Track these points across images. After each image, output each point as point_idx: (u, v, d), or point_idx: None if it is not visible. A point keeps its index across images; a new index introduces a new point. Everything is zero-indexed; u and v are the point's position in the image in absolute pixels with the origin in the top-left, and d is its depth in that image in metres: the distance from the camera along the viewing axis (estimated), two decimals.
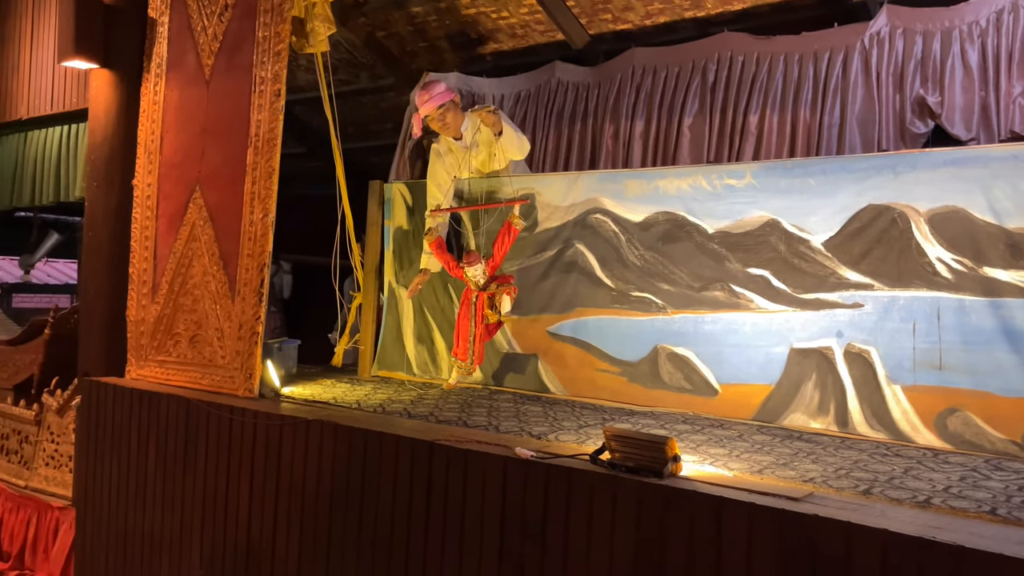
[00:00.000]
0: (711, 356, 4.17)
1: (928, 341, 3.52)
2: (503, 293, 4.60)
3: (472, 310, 4.70)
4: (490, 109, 4.77)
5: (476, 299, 4.69)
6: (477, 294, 4.68)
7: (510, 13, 6.00)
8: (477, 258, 4.65)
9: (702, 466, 3.06)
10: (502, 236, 4.62)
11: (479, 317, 4.69)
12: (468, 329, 4.72)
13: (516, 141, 4.89)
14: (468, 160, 5.03)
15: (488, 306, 4.66)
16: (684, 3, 5.48)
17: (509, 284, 4.64)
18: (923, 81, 4.71)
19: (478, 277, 4.65)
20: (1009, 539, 2.31)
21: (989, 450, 3.34)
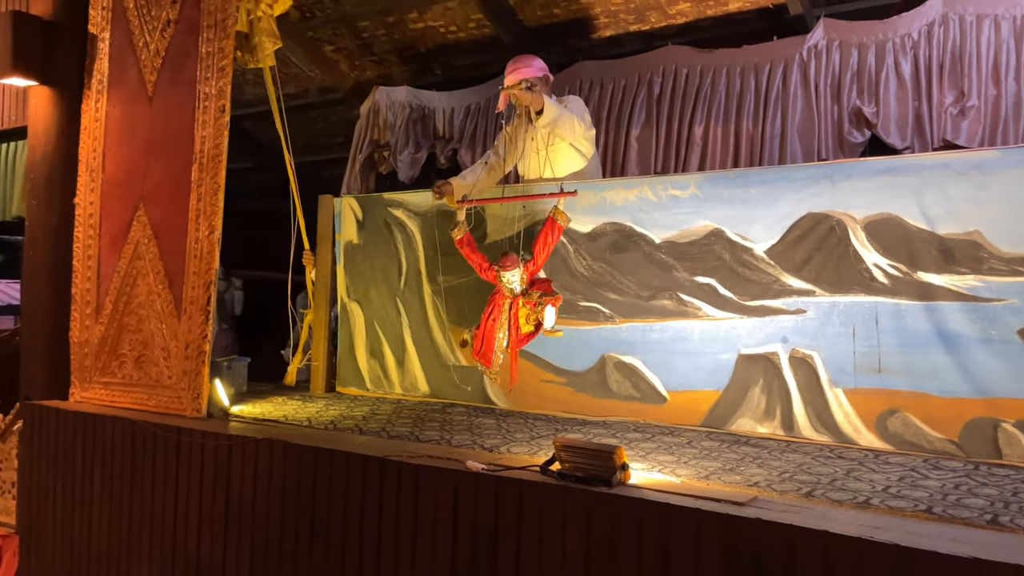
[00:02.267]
0: (659, 364, 4.22)
1: (867, 345, 3.62)
2: (547, 304, 3.98)
3: (505, 318, 4.13)
4: (528, 84, 4.27)
5: (510, 306, 4.11)
6: (511, 300, 4.11)
7: (458, 27, 6.04)
8: (515, 262, 4.03)
9: (651, 473, 3.10)
10: (544, 235, 4.08)
11: (514, 326, 4.12)
12: (496, 339, 4.14)
13: (567, 123, 4.37)
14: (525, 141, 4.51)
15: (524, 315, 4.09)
16: (629, 17, 5.57)
17: (553, 293, 4.04)
18: (859, 92, 4.86)
19: (514, 283, 4.06)
20: (944, 536, 2.38)
21: (928, 450, 3.44)
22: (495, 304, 4.18)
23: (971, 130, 4.46)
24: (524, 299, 4.06)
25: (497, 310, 4.17)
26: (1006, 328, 3.32)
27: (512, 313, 4.11)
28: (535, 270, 4.11)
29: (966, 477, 3.07)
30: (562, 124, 4.38)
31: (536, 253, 4.08)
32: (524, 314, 4.09)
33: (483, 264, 4.27)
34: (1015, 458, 3.25)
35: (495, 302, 4.18)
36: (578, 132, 4.50)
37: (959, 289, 3.43)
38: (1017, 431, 3.27)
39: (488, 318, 4.18)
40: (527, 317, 4.09)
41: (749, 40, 5.24)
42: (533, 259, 4.09)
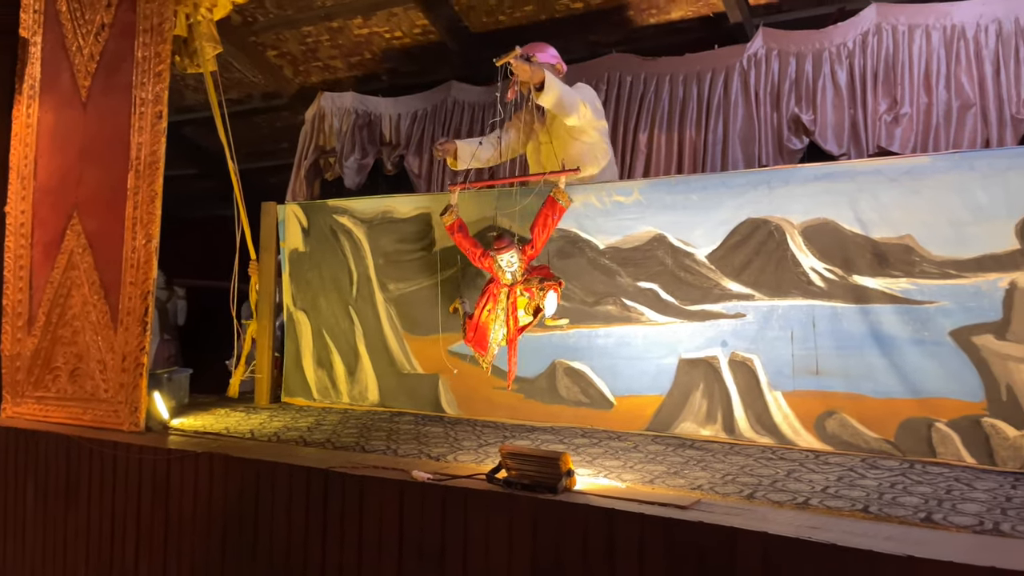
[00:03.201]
0: (606, 369, 4.24)
1: (805, 348, 3.68)
2: (549, 289, 3.68)
3: (502, 309, 3.83)
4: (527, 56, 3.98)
5: (507, 296, 3.82)
6: (508, 289, 3.82)
7: (403, 33, 6.02)
8: (510, 243, 3.74)
9: (597, 479, 3.11)
10: (543, 217, 3.81)
11: (512, 318, 3.81)
12: (491, 331, 3.89)
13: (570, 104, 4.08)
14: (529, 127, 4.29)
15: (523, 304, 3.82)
16: (574, 25, 5.61)
17: (554, 279, 3.74)
18: (798, 100, 4.98)
19: (513, 267, 3.76)
20: (879, 535, 2.43)
21: (865, 449, 3.51)
22: (490, 294, 3.91)
23: (904, 137, 4.60)
24: (523, 286, 3.78)
25: (493, 300, 3.88)
26: (938, 330, 3.41)
27: (510, 303, 3.83)
28: (533, 254, 3.84)
29: (902, 476, 3.15)
30: (566, 105, 4.08)
31: (535, 236, 3.83)
32: (523, 303, 3.82)
33: (476, 251, 3.99)
34: (948, 456, 3.34)
35: (490, 292, 3.91)
36: (585, 117, 4.24)
37: (892, 292, 3.51)
38: (950, 430, 3.36)
39: (482, 309, 3.92)
40: (526, 306, 3.83)
41: (691, 49, 5.33)
42: (531, 243, 3.82)
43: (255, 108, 7.18)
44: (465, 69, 6.15)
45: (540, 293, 3.70)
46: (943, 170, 3.45)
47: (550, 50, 4.41)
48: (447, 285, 4.70)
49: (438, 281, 4.74)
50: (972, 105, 4.48)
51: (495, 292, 3.88)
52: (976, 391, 3.33)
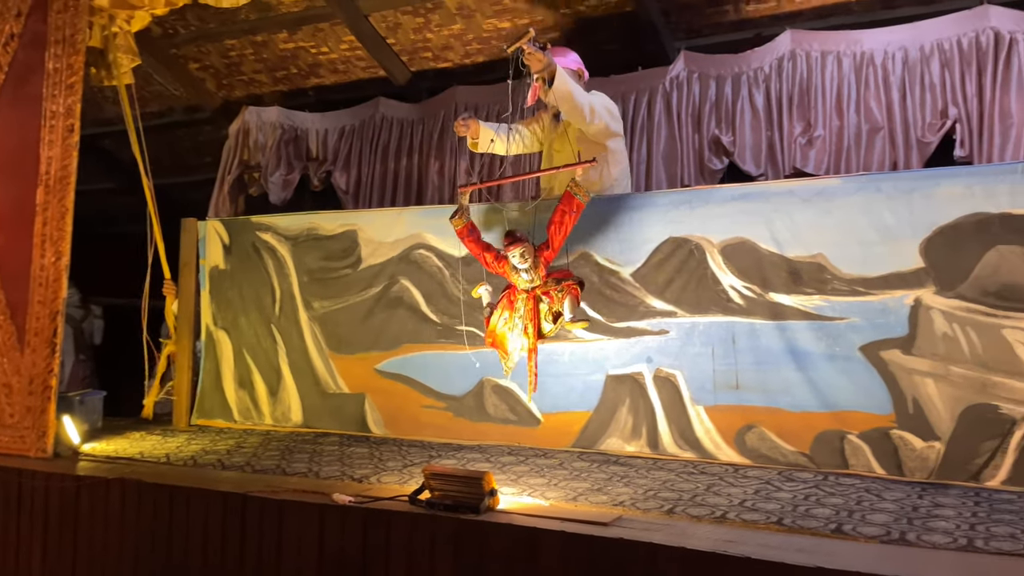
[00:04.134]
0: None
1: (725, 363, 3.77)
2: (568, 293, 3.50)
3: (519, 317, 3.62)
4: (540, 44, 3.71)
5: (525, 303, 3.61)
6: (526, 295, 3.58)
7: (330, 49, 5.96)
8: (522, 239, 3.50)
9: (521, 498, 3.11)
10: (560, 214, 3.57)
11: (533, 327, 3.59)
12: (509, 341, 3.70)
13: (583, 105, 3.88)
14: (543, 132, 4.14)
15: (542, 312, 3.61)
16: (501, 44, 5.64)
17: (571, 279, 3.55)
18: (718, 122, 5.11)
19: (527, 265, 3.53)
20: (792, 547, 2.50)
21: (782, 462, 3.60)
22: (507, 300, 3.68)
23: (818, 159, 4.76)
24: (542, 290, 3.58)
25: (510, 308, 3.66)
26: (848, 345, 3.53)
27: (528, 310, 3.59)
28: (550, 255, 3.59)
29: (816, 488, 3.24)
30: (579, 105, 3.88)
31: (551, 235, 3.58)
32: (543, 311, 3.62)
33: (489, 255, 3.74)
34: (860, 468, 3.45)
35: (507, 298, 3.68)
36: (598, 123, 4.01)
37: (806, 309, 3.63)
38: (861, 442, 3.48)
39: (499, 317, 3.72)
40: (545, 314, 3.64)
41: (615, 70, 5.41)
42: (547, 242, 3.59)
43: (177, 121, 7.00)
44: (393, 85, 6.13)
45: (558, 295, 3.52)
46: (852, 191, 3.59)
47: (572, 55, 4.23)
48: (370, 303, 4.67)
49: (364, 299, 4.72)
50: (881, 129, 4.67)
51: (512, 299, 3.67)
52: (885, 404, 3.46)
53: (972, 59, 4.47)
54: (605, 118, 4.10)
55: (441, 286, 4.52)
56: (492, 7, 5.31)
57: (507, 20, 5.40)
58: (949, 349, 3.36)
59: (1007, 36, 4.40)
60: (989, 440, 3.26)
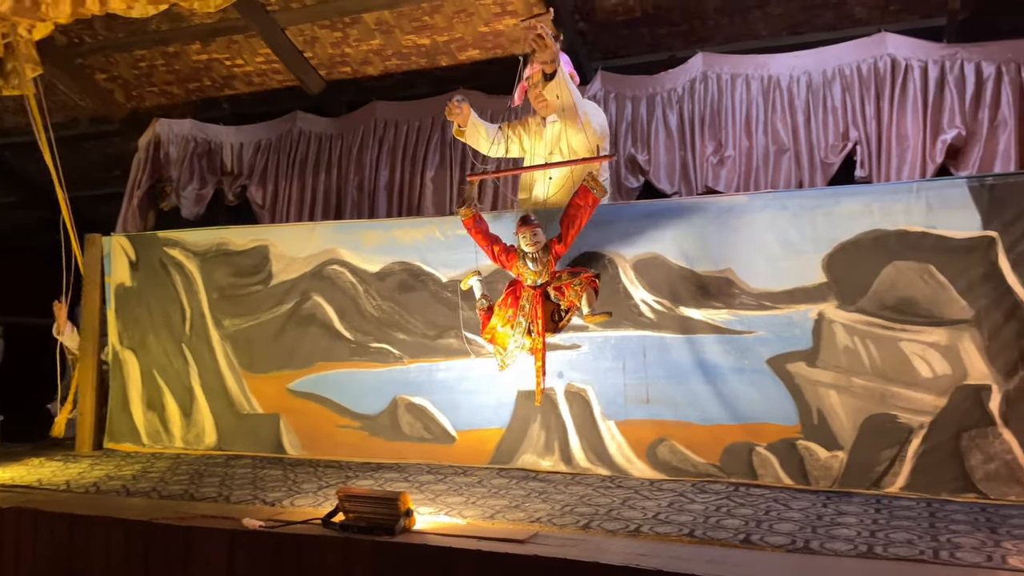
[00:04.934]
0: (447, 403, 4.24)
1: (636, 377, 3.83)
2: (585, 287, 3.38)
3: (524, 316, 3.47)
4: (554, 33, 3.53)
5: (529, 301, 3.45)
6: (533, 292, 3.43)
7: (245, 61, 5.84)
8: (537, 223, 3.37)
9: (438, 517, 3.08)
10: (575, 208, 3.43)
11: (540, 325, 3.43)
12: (511, 339, 3.56)
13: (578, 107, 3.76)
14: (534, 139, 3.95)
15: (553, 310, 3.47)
16: (421, 60, 5.65)
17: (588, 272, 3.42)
18: (634, 141, 5.21)
19: (535, 250, 3.39)
20: (702, 558, 2.54)
21: (694, 474, 3.68)
22: (511, 297, 3.53)
23: (728, 178, 4.91)
24: (554, 285, 3.45)
25: (513, 306, 3.51)
26: (756, 358, 3.64)
27: (533, 308, 3.45)
28: (562, 249, 3.48)
29: (726, 499, 3.32)
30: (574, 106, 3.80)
31: (564, 228, 3.45)
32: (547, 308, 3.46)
33: (496, 247, 3.59)
34: (768, 478, 3.55)
35: (514, 295, 3.52)
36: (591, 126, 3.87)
37: (715, 322, 3.73)
38: (769, 453, 3.58)
39: (501, 315, 3.57)
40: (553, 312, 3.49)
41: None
42: (559, 235, 3.47)
43: (83, 133, 6.73)
44: (311, 99, 6.04)
45: (576, 288, 3.38)
46: (759, 208, 3.72)
47: (564, 56, 4.02)
48: (282, 320, 4.57)
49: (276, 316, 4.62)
50: (787, 149, 4.85)
51: (517, 295, 3.52)
52: (791, 415, 3.57)
53: (871, 84, 4.69)
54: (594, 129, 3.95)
55: (355, 302, 4.47)
56: (411, 23, 5.31)
57: (427, 37, 5.40)
58: (851, 361, 3.50)
59: (903, 62, 4.64)
60: (888, 448, 3.40)
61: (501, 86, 5.56)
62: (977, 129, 4.49)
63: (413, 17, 5.24)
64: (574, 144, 3.86)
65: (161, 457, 4.60)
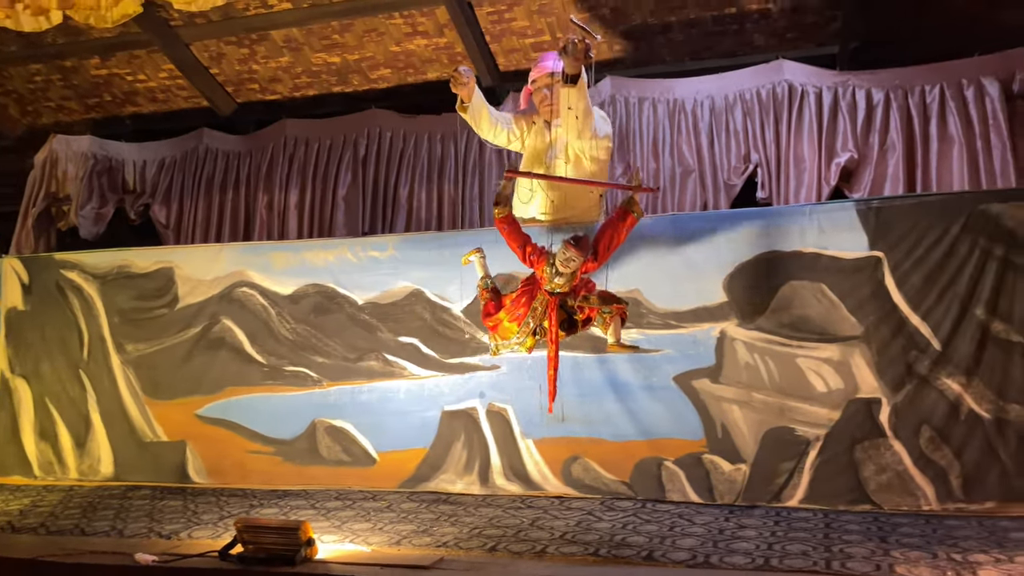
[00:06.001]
0: (369, 426, 4.18)
1: None
2: (615, 316, 3.30)
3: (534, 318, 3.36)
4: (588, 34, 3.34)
5: (542, 305, 3.35)
6: (546, 298, 3.34)
7: (148, 76, 5.67)
8: (584, 249, 3.23)
9: (342, 545, 3.02)
10: (613, 226, 3.37)
11: (552, 332, 3.34)
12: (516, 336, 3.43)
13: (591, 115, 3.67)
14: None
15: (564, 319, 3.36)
16: (332, 78, 5.59)
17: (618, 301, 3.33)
18: None
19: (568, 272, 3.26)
20: None
21: (605, 492, 3.72)
22: (526, 296, 3.40)
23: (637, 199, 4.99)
24: (579, 301, 3.32)
25: (526, 306, 3.39)
26: (663, 375, 3.72)
27: (551, 313, 3.33)
28: (593, 267, 3.39)
29: (634, 516, 3.36)
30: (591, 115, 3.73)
31: (600, 249, 3.36)
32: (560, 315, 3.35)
33: (527, 248, 3.41)
34: (675, 493, 3.62)
35: (526, 294, 3.40)
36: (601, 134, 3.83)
37: (624, 341, 3.77)
38: (676, 468, 3.65)
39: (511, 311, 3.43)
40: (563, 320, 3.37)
41: (448, 108, 5.46)
42: (595, 252, 3.34)
43: None
44: (219, 116, 5.90)
45: (605, 316, 3.29)
46: (662, 230, 3.81)
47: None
48: (189, 345, 4.43)
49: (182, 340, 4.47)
50: (692, 171, 4.99)
51: (532, 295, 3.40)
52: (697, 430, 3.65)
53: (770, 108, 4.87)
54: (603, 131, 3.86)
55: (267, 325, 4.37)
56: (321, 41, 5.25)
57: (337, 55, 5.35)
58: (751, 377, 3.60)
59: (799, 88, 4.83)
60: (787, 460, 3.51)
61: (412, 106, 5.58)
62: (868, 153, 4.71)
63: (323, 35, 5.19)
64: (580, 150, 3.79)
65: (53, 490, 4.37)
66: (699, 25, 4.96)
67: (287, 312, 4.38)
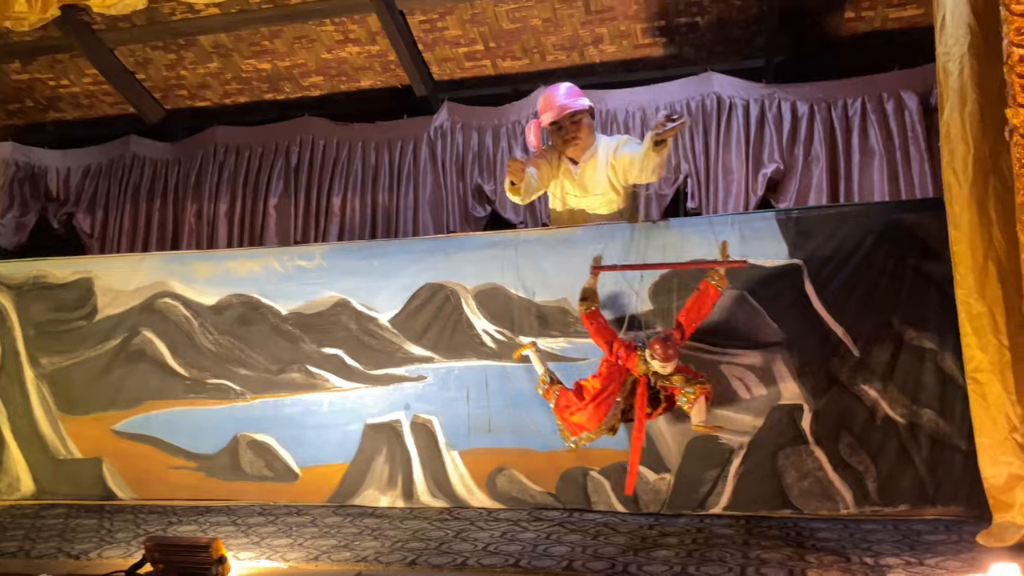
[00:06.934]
0: (292, 439, 4.08)
1: (479, 407, 3.82)
2: (699, 395, 3.22)
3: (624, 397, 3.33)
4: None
5: (633, 384, 3.31)
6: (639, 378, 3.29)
7: (71, 82, 5.51)
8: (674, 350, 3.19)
9: (258, 562, 2.94)
10: (698, 302, 3.33)
11: (639, 414, 3.27)
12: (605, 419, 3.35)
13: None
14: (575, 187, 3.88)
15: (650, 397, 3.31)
16: (263, 85, 5.51)
17: (702, 381, 3.27)
18: (480, 170, 5.27)
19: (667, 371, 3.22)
20: None
21: (531, 503, 3.69)
22: (613, 378, 3.35)
23: None
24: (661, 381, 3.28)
25: (615, 384, 3.34)
26: None
27: (641, 395, 3.29)
28: (681, 344, 3.34)
29: (559, 526, 3.34)
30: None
31: (687, 322, 3.34)
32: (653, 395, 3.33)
33: (615, 344, 3.36)
34: (601, 503, 3.61)
35: (614, 375, 3.35)
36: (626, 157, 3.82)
37: (553, 350, 3.78)
38: (602, 477, 3.64)
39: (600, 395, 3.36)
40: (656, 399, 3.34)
41: (382, 117, 5.45)
42: (681, 331, 3.32)
43: None
44: (146, 123, 5.76)
45: (689, 395, 3.23)
46: (590, 240, 3.81)
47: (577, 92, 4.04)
48: (108, 357, 4.29)
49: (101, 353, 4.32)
50: None
51: (619, 377, 3.35)
52: (623, 440, 3.58)
53: (699, 120, 4.95)
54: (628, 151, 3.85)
55: (189, 337, 4.25)
56: (250, 47, 5.17)
57: (267, 62, 5.28)
58: None
59: (727, 100, 4.92)
60: (712, 469, 3.54)
61: (345, 115, 5.53)
62: (794, 164, 4.82)
63: (252, 41, 5.11)
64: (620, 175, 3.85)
65: None
66: (630, 37, 5.01)
67: (210, 323, 4.27)
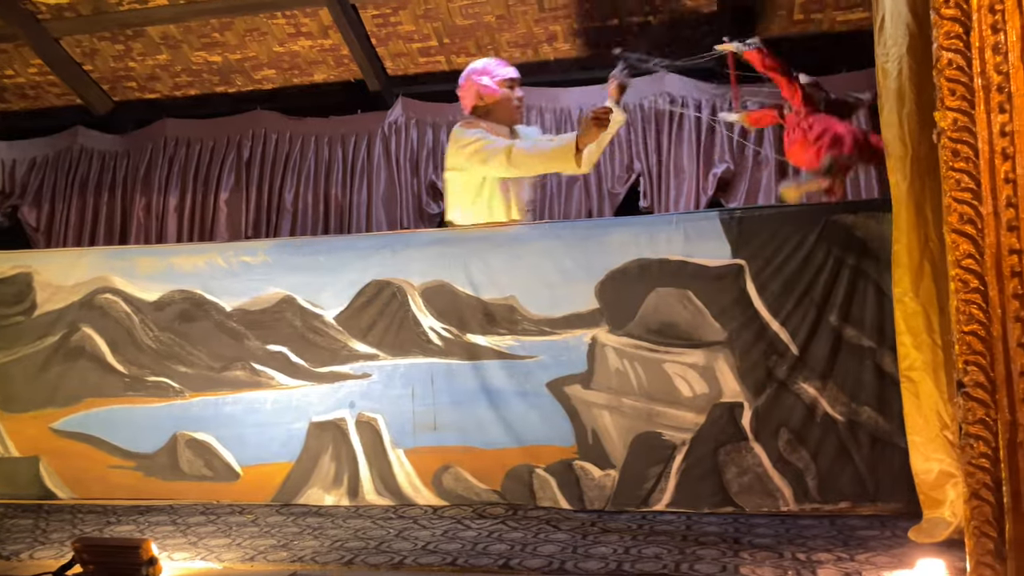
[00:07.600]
0: (233, 438, 4.02)
1: (424, 404, 3.81)
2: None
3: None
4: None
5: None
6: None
7: (16, 72, 5.39)
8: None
9: (192, 563, 2.90)
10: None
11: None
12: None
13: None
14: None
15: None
16: (214, 78, 5.43)
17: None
18: (435, 167, 5.25)
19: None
20: None
21: (476, 501, 3.68)
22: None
23: None
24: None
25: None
26: (536, 382, 3.71)
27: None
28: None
29: (502, 524, 3.34)
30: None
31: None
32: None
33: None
34: (547, 500, 3.62)
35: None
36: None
37: (500, 348, 3.77)
38: (548, 475, 3.65)
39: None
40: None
41: (335, 111, 5.40)
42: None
43: None
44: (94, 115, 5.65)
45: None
46: (537, 237, 3.81)
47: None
48: (46, 354, 4.20)
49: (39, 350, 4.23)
50: (578, 180, 5.04)
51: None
52: (568, 436, 3.66)
53: (652, 119, 4.98)
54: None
55: (129, 333, 4.16)
56: (200, 39, 5.09)
57: (218, 54, 5.20)
58: (621, 382, 3.63)
59: (680, 100, 4.95)
60: (655, 465, 3.55)
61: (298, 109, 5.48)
62: (744, 164, 4.88)
63: (202, 33, 5.03)
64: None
65: None
66: (584, 35, 5.02)
67: (151, 319, 4.19)
